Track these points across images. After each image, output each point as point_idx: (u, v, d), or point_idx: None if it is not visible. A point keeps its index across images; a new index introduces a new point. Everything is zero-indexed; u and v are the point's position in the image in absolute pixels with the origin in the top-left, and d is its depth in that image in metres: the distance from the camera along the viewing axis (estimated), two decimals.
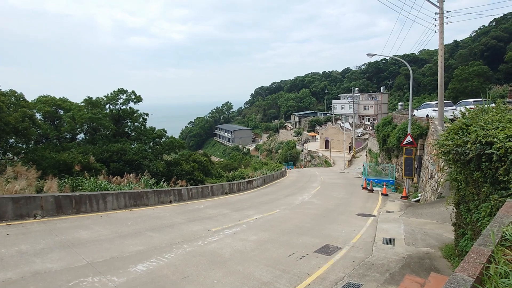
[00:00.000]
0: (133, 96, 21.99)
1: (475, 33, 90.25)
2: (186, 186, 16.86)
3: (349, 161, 44.54)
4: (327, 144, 57.98)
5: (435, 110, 20.02)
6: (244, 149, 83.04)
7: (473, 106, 8.82)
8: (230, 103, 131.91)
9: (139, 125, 22.64)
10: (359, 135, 57.57)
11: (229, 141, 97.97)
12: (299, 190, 21.45)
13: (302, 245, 8.70)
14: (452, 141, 6.42)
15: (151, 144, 22.24)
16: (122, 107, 22.07)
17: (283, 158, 57.18)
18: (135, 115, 22.12)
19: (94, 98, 20.76)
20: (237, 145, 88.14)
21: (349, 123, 61.53)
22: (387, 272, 6.95)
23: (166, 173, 18.51)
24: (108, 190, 12.17)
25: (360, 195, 19.27)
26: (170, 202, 13.93)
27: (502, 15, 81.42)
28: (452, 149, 6.39)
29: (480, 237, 2.19)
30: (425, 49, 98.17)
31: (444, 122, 15.71)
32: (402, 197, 18.15)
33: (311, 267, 7.03)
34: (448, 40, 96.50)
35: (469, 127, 6.35)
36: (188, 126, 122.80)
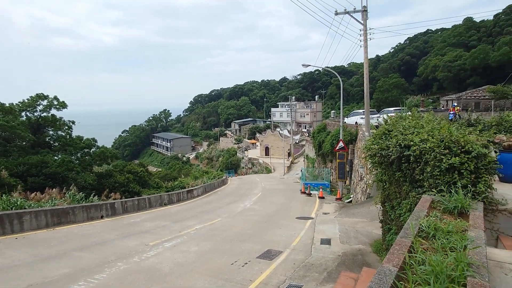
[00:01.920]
0: (55, 102, 19.85)
1: (393, 49, 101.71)
2: (121, 199, 15.69)
3: (288, 167, 46.22)
4: (267, 151, 59.45)
5: (362, 118, 21.91)
6: (184, 158, 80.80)
7: (393, 114, 9.88)
8: (168, 110, 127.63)
9: (63, 134, 20.47)
10: (297, 142, 60.25)
11: (167, 150, 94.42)
12: (240, 197, 21.50)
13: (244, 252, 8.68)
14: (377, 145, 7.04)
15: (79, 155, 20.29)
16: (42, 115, 19.76)
17: (224, 166, 57.01)
18: (58, 123, 19.96)
19: (7, 105, 18.23)
20: (176, 154, 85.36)
21: (288, 130, 64.06)
22: (325, 271, 7.28)
23: (97, 186, 17.02)
24: (25, 208, 10.70)
25: (299, 199, 20.04)
26: (102, 217, 12.81)
27: (413, 35, 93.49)
28: (377, 152, 7.01)
29: (402, 230, 2.43)
30: (353, 62, 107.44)
31: (370, 129, 17.26)
32: (336, 199, 19.36)
33: (253, 273, 7.03)
34: (372, 54, 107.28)
35: (391, 133, 7.02)
36: (122, 135, 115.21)
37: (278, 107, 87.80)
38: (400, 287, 1.88)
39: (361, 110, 25.29)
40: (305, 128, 73.60)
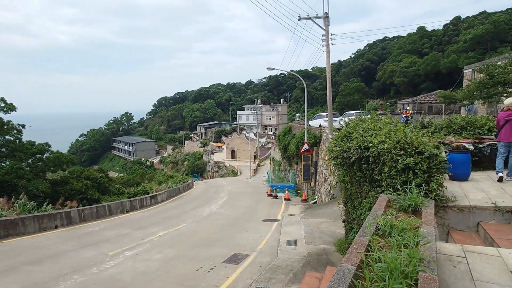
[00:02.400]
0: (2, 104, 18.28)
1: (354, 55, 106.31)
2: (78, 207, 14.79)
3: (254, 169, 46.42)
4: (233, 154, 59.28)
5: (326, 120, 22.57)
6: (148, 162, 78.16)
7: (354, 117, 10.25)
8: (131, 113, 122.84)
9: (12, 139, 18.88)
10: (263, 144, 60.75)
11: (130, 155, 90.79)
12: (206, 201, 21.19)
13: (210, 257, 8.54)
14: (338, 147, 7.27)
15: (30, 161, 18.83)
16: None
17: (190, 170, 55.96)
18: (5, 127, 18.38)
19: None
20: (140, 158, 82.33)
21: (254, 133, 64.43)
22: (290, 272, 7.36)
23: (51, 194, 15.93)
24: None
25: (265, 202, 20.16)
26: (56, 227, 11.97)
27: (372, 41, 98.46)
28: (339, 154, 7.24)
29: (360, 229, 2.51)
30: (316, 67, 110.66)
31: (333, 131, 17.84)
32: (302, 200, 19.73)
33: (219, 278, 6.93)
34: (334, 59, 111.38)
35: (351, 135, 7.28)
36: (80, 139, 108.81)
37: (244, 110, 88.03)
38: (357, 285, 1.94)
39: (324, 113, 26.06)
40: (271, 131, 74.46)
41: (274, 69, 20.90)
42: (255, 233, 11.37)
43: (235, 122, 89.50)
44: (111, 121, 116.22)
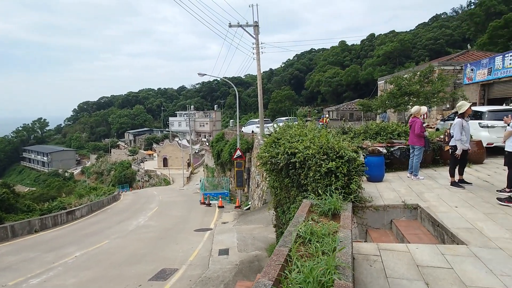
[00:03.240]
0: None
1: (284, 64, 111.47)
2: None
3: (188, 177, 45.05)
4: (165, 162, 56.78)
5: (258, 127, 22.97)
6: (66, 174, 70.20)
7: (282, 124, 10.50)
8: (45, 119, 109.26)
9: None
10: (197, 151, 59.47)
11: (44, 166, 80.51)
12: (134, 213, 19.71)
13: (135, 275, 7.83)
14: (267, 153, 7.33)
15: None
16: None
17: (117, 180, 51.87)
18: None
19: None
20: (56, 169, 73.41)
21: (187, 140, 62.70)
22: (222, 283, 7.12)
23: None
24: None
25: (198, 211, 19.58)
26: None
27: (301, 52, 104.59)
28: (268, 160, 7.30)
29: (281, 238, 2.45)
30: (249, 74, 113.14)
31: (264, 137, 18.20)
32: (236, 207, 19.63)
33: None
34: (266, 68, 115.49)
35: (279, 141, 7.41)
36: None
37: (176, 116, 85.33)
38: None
39: (257, 120, 26.54)
40: (205, 138, 73.46)
41: (206, 74, 20.61)
42: (186, 245, 10.86)
43: (167, 129, 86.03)
44: (20, 128, 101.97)
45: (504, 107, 10.82)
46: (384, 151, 8.25)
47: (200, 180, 26.70)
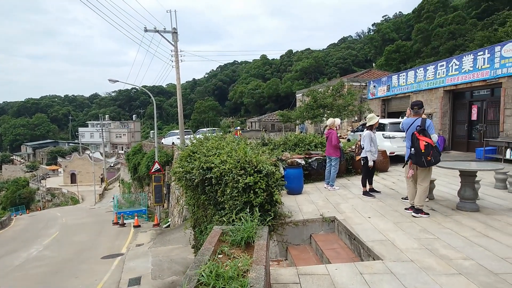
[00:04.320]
0: None
1: (208, 75, 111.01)
2: None
3: (100, 194, 40.53)
4: (73, 178, 50.36)
5: (179, 138, 21.79)
6: None
7: (203, 135, 9.91)
8: None
9: None
10: (112, 165, 54.30)
11: None
12: (25, 242, 16.51)
13: None
14: (182, 168, 6.63)
15: None
16: None
17: (9, 202, 43.77)
18: None
19: None
20: None
21: (100, 153, 56.84)
22: None
23: None
24: None
25: (110, 233, 17.42)
26: None
27: (224, 63, 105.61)
28: (182, 175, 6.60)
29: None
30: (171, 83, 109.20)
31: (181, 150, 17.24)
32: (154, 225, 18.06)
33: None
34: (189, 77, 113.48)
35: (195, 154, 6.78)
36: None
37: (88, 126, 77.14)
38: None
39: (177, 131, 25.28)
40: (122, 150, 67.80)
41: (118, 81, 18.75)
42: (89, 277, 9.28)
43: (76, 141, 76.93)
44: None
45: (400, 119, 12.15)
46: (303, 162, 8.29)
47: (113, 198, 24.04)
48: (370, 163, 6.52)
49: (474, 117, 13.56)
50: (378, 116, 7.10)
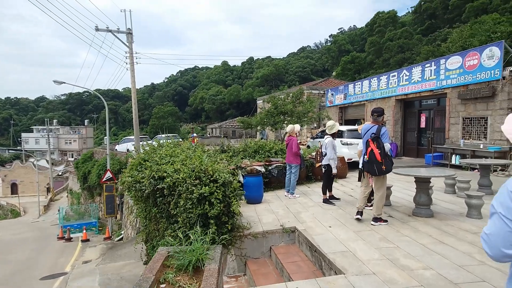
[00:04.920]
0: None
1: (167, 79, 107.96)
2: None
3: (45, 206, 37.09)
4: (14, 188, 45.69)
5: (134, 144, 20.59)
6: None
7: (162, 141, 9.33)
8: None
9: None
10: (60, 174, 50.20)
11: None
12: None
13: None
14: (131, 177, 6.06)
15: None
16: None
17: None
18: None
19: None
20: None
21: (46, 160, 52.33)
22: None
23: None
24: None
25: (53, 249, 15.81)
26: None
27: (184, 68, 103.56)
28: (132, 185, 6.03)
29: None
30: (128, 87, 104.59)
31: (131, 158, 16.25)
32: (105, 238, 16.73)
33: None
34: (147, 82, 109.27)
35: (146, 162, 6.24)
36: None
37: (33, 131, 70.91)
38: None
39: (133, 136, 23.95)
40: (72, 157, 63.13)
41: (64, 83, 17.25)
42: None
43: (19, 147, 70.24)
44: None
45: (356, 126, 12.50)
46: (263, 170, 8.05)
47: (59, 210, 22.04)
48: (334, 171, 6.44)
49: (423, 125, 14.36)
50: (338, 123, 7.06)
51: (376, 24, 48.91)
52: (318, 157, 6.81)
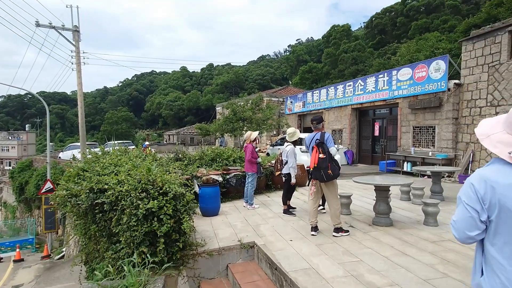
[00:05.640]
0: None
1: (122, 83, 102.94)
2: None
3: None
4: None
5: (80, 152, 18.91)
6: None
7: (108, 149, 8.47)
8: None
9: None
10: None
11: None
12: None
13: None
14: (66, 190, 5.26)
15: None
16: None
17: None
18: None
19: None
20: None
21: None
22: None
23: None
24: None
25: None
26: None
27: (141, 73, 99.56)
28: (66, 200, 5.23)
29: None
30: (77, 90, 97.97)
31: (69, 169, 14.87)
32: (43, 257, 14.95)
33: None
34: (100, 85, 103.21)
35: (86, 173, 5.49)
36: None
37: None
38: None
39: (79, 143, 22.06)
40: (10, 165, 57.10)
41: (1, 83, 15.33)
42: None
43: None
44: None
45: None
46: (220, 179, 7.57)
47: None
48: (293, 180, 6.17)
49: (376, 133, 14.87)
50: (297, 130, 6.83)
51: (332, 36, 51.06)
52: (278, 165, 6.51)
